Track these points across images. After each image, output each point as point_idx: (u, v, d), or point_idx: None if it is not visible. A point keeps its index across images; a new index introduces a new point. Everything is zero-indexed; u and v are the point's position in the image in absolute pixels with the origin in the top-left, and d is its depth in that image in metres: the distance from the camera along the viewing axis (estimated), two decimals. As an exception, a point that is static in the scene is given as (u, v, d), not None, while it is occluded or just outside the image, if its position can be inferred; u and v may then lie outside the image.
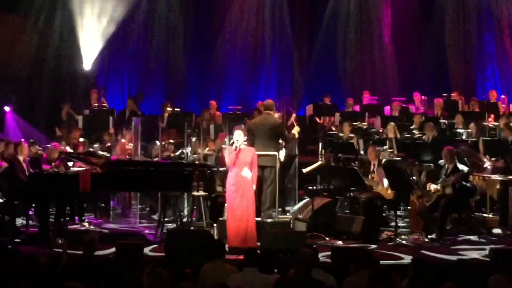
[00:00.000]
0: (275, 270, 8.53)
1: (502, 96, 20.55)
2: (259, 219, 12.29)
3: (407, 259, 10.84)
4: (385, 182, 13.08)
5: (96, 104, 20.01)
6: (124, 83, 22.55)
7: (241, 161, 11.85)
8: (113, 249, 10.46)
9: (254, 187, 12.06)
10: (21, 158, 13.65)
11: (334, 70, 22.99)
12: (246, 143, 12.07)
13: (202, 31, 23.36)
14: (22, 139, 15.32)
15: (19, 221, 13.55)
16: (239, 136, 11.90)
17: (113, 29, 21.11)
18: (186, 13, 23.13)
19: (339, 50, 23.08)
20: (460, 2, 22.67)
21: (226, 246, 11.04)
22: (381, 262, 9.15)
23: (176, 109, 20.31)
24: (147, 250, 11.13)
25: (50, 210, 13.18)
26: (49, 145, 14.71)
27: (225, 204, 12.33)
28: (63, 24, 21.02)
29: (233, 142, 11.91)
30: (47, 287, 7.31)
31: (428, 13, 22.84)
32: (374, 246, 12.09)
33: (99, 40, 21.14)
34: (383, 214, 14.05)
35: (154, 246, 11.84)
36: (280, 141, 13.10)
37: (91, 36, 20.99)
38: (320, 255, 9.22)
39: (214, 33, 23.22)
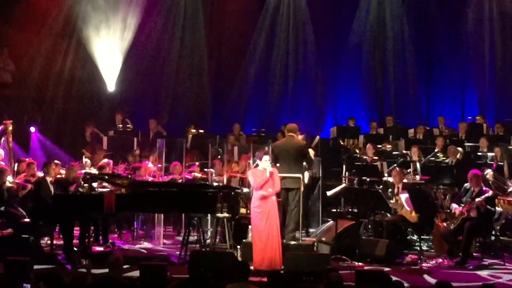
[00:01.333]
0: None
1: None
2: (283, 241, 12.28)
3: (431, 282, 10.77)
4: (409, 205, 13.05)
5: (121, 126, 20.11)
6: (150, 105, 22.62)
7: (265, 186, 11.91)
8: (137, 270, 10.46)
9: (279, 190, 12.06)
10: (48, 179, 13.73)
11: (359, 93, 22.97)
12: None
13: (226, 53, 23.45)
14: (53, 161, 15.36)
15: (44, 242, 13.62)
16: (268, 162, 12.02)
17: (127, 47, 21.19)
18: (209, 35, 23.21)
19: (363, 73, 23.06)
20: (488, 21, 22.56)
21: (252, 268, 11.05)
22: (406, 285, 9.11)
23: (200, 131, 20.38)
24: (170, 271, 11.11)
25: (75, 230, 13.25)
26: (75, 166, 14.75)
27: (249, 226, 12.34)
28: (81, 47, 21.14)
29: (257, 165, 11.96)
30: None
31: (454, 38, 22.77)
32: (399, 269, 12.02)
33: (116, 62, 21.24)
34: (407, 237, 14.00)
35: (178, 267, 11.83)
36: (304, 163, 13.09)
37: (108, 58, 21.10)
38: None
39: (239, 55, 23.29)
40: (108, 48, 21.01)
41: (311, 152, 13.41)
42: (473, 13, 22.48)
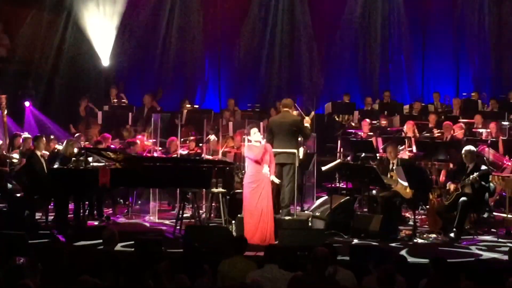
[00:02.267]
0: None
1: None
2: (277, 216, 12.30)
3: (425, 258, 10.80)
4: (404, 180, 13.07)
5: (116, 100, 20.07)
6: (144, 79, 22.58)
7: (264, 158, 11.90)
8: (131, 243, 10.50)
9: (276, 179, 12.09)
10: (39, 153, 13.70)
11: (354, 68, 22.95)
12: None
13: (221, 28, 23.38)
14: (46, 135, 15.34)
15: (38, 216, 13.64)
16: (257, 134, 12.00)
17: (120, 21, 21.12)
18: (205, 10, 23.11)
19: (359, 49, 23.04)
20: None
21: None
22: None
23: (194, 106, 20.36)
24: (165, 246, 11.12)
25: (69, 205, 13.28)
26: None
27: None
28: (75, 21, 21.04)
29: (249, 141, 11.99)
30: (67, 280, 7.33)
31: (449, 14, 22.73)
32: (393, 244, 12.04)
33: (110, 36, 21.18)
34: (402, 213, 14.04)
35: (173, 242, 11.84)
36: (300, 138, 13.08)
37: (102, 33, 21.03)
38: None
39: (234, 30, 23.24)
40: (102, 22, 20.93)
41: (307, 121, 13.26)
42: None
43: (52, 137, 16.07)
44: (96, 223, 13.88)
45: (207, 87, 23.18)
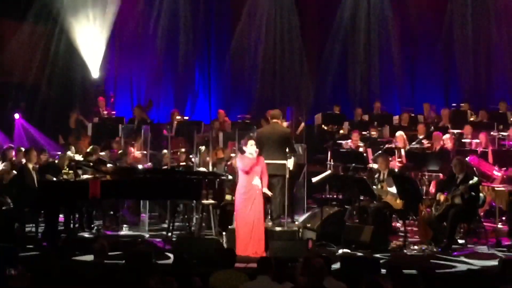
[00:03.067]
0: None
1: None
2: (267, 226, 12.30)
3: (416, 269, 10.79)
4: (394, 191, 13.08)
5: (106, 112, 20.06)
6: (133, 91, 22.60)
7: (254, 169, 11.90)
8: (122, 256, 10.49)
9: (268, 192, 12.09)
10: (30, 165, 13.69)
11: (344, 80, 23.00)
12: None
13: (211, 39, 23.42)
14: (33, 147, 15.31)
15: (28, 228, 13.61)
16: (253, 146, 12.00)
17: (107, 35, 21.15)
18: (195, 21, 23.14)
19: (348, 60, 23.09)
20: (472, 8, 22.57)
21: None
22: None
23: (185, 118, 20.36)
24: (156, 258, 11.09)
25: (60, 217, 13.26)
26: (59, 153, 14.71)
27: (235, 213, 12.36)
28: (64, 34, 21.05)
29: (243, 151, 11.99)
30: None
31: (439, 23, 22.79)
32: (383, 255, 12.04)
33: (99, 48, 21.19)
34: (392, 224, 14.05)
35: (163, 254, 11.81)
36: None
37: (91, 45, 21.06)
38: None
39: (224, 41, 23.28)
40: (91, 34, 20.95)
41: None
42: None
43: (42, 149, 16.03)
44: (86, 235, 13.84)
45: (197, 98, 23.19)
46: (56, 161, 14.88)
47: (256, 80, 22.96)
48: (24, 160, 14.31)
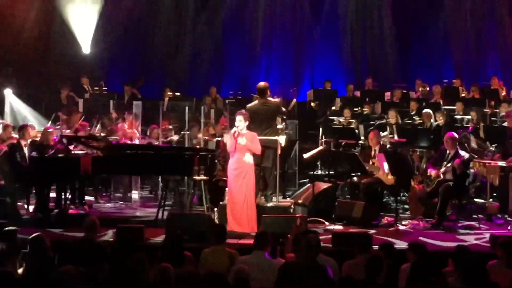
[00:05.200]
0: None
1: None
2: (260, 203, 12.31)
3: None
4: (386, 167, 13.09)
5: (93, 88, 20.02)
6: (125, 67, 22.53)
7: (242, 146, 11.85)
8: (112, 232, 10.51)
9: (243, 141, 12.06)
10: (23, 142, 13.68)
11: (336, 55, 22.96)
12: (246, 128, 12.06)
13: (202, 14, 23.33)
14: (28, 123, 15.25)
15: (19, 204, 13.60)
16: (239, 122, 11.91)
17: (99, 9, 21.09)
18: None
19: (340, 35, 23.04)
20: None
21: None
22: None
23: (176, 94, 20.32)
24: (147, 233, 11.09)
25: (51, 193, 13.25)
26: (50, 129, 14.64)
27: (226, 189, 12.36)
28: (55, 9, 20.96)
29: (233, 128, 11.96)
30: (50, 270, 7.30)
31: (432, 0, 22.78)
32: (373, 231, 12.05)
33: (91, 24, 21.12)
34: (383, 200, 14.07)
35: (154, 229, 11.81)
36: (282, 124, 13.06)
37: (83, 20, 20.98)
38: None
39: (215, 17, 23.21)
40: (83, 9, 20.87)
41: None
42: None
43: (32, 125, 15.98)
44: (77, 211, 13.83)
45: (188, 74, 23.12)
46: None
47: (248, 56, 22.90)
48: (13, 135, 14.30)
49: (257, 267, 7.80)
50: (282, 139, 12.78)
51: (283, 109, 13.16)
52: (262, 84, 13.21)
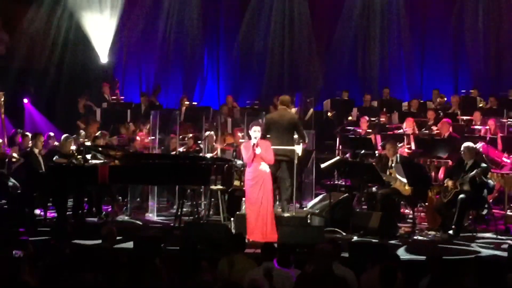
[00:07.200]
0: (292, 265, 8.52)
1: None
2: (277, 213, 12.30)
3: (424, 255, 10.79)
4: (403, 178, 13.05)
5: (113, 97, 20.12)
6: (142, 77, 22.63)
7: (257, 156, 11.86)
8: (131, 242, 10.50)
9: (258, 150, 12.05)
10: (36, 150, 13.74)
11: (353, 65, 22.97)
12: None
13: (220, 24, 23.41)
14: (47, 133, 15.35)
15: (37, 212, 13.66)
16: (258, 132, 11.92)
17: (116, 19, 21.19)
18: (204, 7, 23.14)
19: (358, 45, 23.05)
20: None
21: (248, 239, 11.18)
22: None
23: (193, 103, 20.37)
24: (164, 243, 11.08)
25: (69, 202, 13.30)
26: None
27: (243, 199, 12.36)
28: (72, 19, 21.07)
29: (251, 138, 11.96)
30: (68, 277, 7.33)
31: (449, 8, 22.72)
32: (392, 242, 12.01)
33: (108, 32, 21.22)
34: (401, 210, 14.02)
35: (171, 239, 11.81)
36: (296, 136, 13.06)
37: (99, 29, 21.08)
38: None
39: (233, 27, 23.27)
40: (101, 19, 20.97)
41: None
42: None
43: (52, 134, 16.07)
44: (95, 220, 13.86)
45: (206, 83, 23.20)
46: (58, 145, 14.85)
47: (265, 65, 22.94)
48: (30, 144, 14.39)
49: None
50: (299, 149, 12.78)
51: (302, 131, 13.09)
52: (286, 96, 13.23)
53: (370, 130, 17.14)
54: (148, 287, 6.96)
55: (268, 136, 12.39)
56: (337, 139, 16.47)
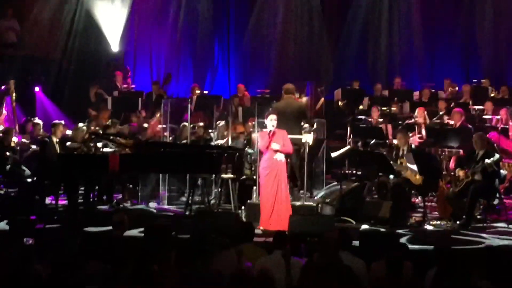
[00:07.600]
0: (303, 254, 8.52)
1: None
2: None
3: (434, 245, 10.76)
4: (414, 167, 13.01)
5: (125, 86, 20.13)
6: (153, 65, 22.63)
7: (271, 146, 11.85)
8: (140, 229, 10.54)
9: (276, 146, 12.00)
10: (55, 139, 13.78)
11: (364, 55, 22.92)
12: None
13: (231, 13, 23.38)
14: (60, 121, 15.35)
15: (48, 201, 13.69)
16: (274, 121, 11.91)
17: (127, 8, 21.21)
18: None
19: (368, 34, 23.00)
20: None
21: (260, 228, 11.16)
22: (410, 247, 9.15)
23: (204, 92, 20.36)
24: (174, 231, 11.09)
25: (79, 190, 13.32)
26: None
27: (253, 187, 12.37)
28: (83, 7, 21.09)
29: (266, 127, 11.95)
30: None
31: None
32: (402, 231, 11.99)
33: (119, 21, 21.23)
34: (411, 200, 14.00)
35: (182, 227, 11.83)
36: (305, 124, 13.04)
37: (110, 18, 21.09)
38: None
39: (243, 16, 23.24)
40: (111, 7, 20.99)
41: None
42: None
43: (63, 122, 16.09)
44: (106, 208, 13.89)
45: (216, 72, 23.19)
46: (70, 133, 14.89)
47: (276, 54, 22.91)
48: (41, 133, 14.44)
49: (278, 267, 7.77)
50: (309, 138, 12.77)
51: (310, 118, 13.08)
52: (290, 85, 13.23)
53: (381, 120, 17.10)
54: (158, 276, 6.94)
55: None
56: (348, 128, 16.44)
